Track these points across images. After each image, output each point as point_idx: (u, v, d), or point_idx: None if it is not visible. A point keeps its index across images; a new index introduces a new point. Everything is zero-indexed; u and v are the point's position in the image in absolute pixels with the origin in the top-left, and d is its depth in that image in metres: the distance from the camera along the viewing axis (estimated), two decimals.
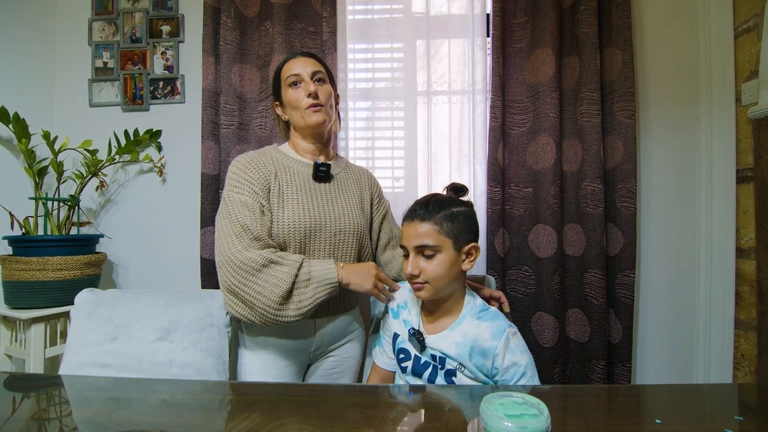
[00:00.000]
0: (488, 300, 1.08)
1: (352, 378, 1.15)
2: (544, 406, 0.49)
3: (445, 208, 0.87)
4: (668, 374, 1.63)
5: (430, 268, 0.86)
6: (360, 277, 0.99)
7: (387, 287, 1.05)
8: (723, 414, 0.71)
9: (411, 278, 0.88)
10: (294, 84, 1.07)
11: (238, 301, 0.92)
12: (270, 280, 0.90)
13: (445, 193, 0.95)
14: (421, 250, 0.86)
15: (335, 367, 1.11)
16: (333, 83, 1.14)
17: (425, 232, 0.86)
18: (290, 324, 0.93)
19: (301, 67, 1.07)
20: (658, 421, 0.63)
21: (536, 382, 0.82)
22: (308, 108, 1.05)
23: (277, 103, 1.14)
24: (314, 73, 1.07)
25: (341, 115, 1.64)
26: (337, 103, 1.17)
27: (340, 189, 1.12)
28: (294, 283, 0.91)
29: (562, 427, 0.61)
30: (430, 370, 0.89)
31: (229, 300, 0.93)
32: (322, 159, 1.13)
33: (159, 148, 1.78)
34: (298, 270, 0.92)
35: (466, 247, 0.88)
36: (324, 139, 1.13)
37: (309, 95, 1.05)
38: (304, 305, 0.92)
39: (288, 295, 0.91)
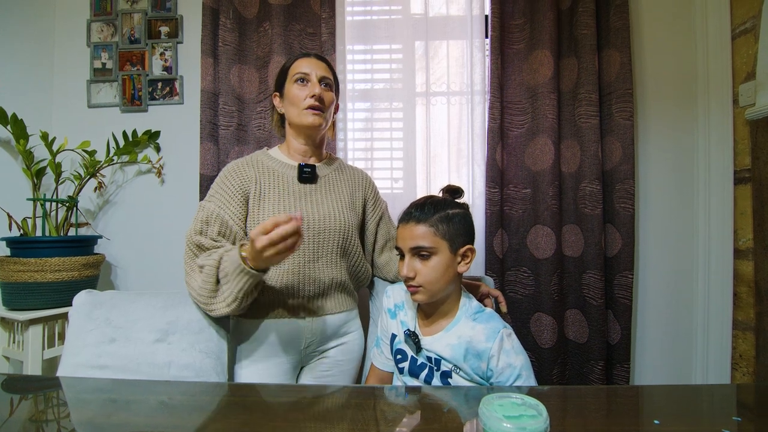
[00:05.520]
0: (485, 297, 1.08)
1: (348, 383, 1.13)
2: (543, 407, 0.49)
3: (440, 209, 0.87)
4: (666, 375, 1.63)
5: (425, 271, 0.85)
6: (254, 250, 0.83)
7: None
8: (721, 414, 0.71)
9: (406, 280, 0.88)
10: (300, 81, 1.07)
11: None
12: (198, 282, 0.96)
13: (440, 195, 0.95)
14: (416, 251, 0.86)
15: (329, 370, 1.10)
16: (337, 91, 1.16)
17: (421, 233, 0.86)
18: (230, 314, 0.96)
19: (312, 67, 1.08)
20: (656, 421, 0.63)
21: (532, 383, 0.82)
22: (308, 108, 1.06)
23: (277, 94, 1.15)
24: (323, 78, 1.09)
25: (340, 116, 1.65)
26: (335, 111, 1.18)
27: (328, 189, 1.12)
28: (218, 281, 0.94)
29: (560, 428, 0.61)
30: (426, 371, 0.89)
31: None
32: (312, 161, 1.14)
33: (157, 149, 1.78)
34: (217, 269, 0.94)
35: (462, 250, 0.88)
36: (316, 141, 1.14)
37: (313, 96, 1.05)
38: (230, 301, 0.92)
39: (214, 293, 0.94)
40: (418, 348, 0.90)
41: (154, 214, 1.77)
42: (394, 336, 0.98)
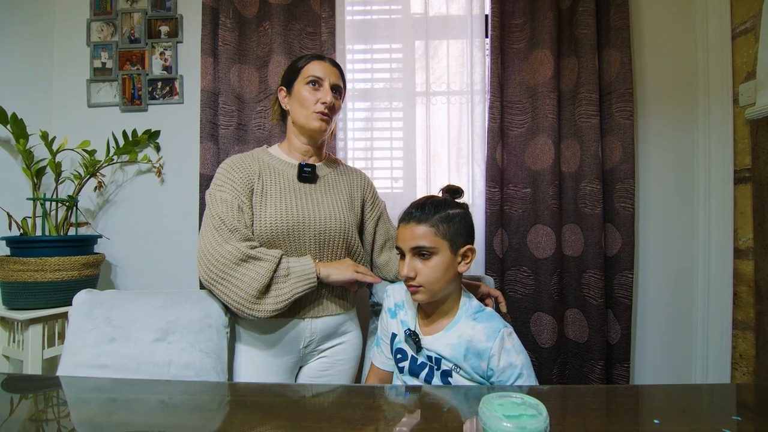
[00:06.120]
0: (485, 297, 1.08)
1: (346, 383, 1.14)
2: (543, 407, 0.49)
3: (441, 210, 0.87)
4: (666, 374, 1.63)
5: (426, 271, 0.86)
6: (338, 268, 1.04)
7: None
8: (721, 414, 0.71)
9: (407, 280, 0.88)
10: (313, 84, 1.08)
11: (216, 292, 0.97)
12: (248, 274, 0.93)
13: (440, 194, 0.95)
14: (417, 251, 0.86)
15: (327, 369, 1.11)
16: (343, 97, 1.17)
17: (421, 233, 0.86)
18: (266, 318, 0.95)
19: (326, 73, 1.09)
20: (656, 421, 0.63)
21: (533, 382, 0.82)
22: (317, 113, 1.07)
23: (284, 88, 1.14)
24: (335, 86, 1.10)
25: (340, 115, 1.65)
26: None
27: (327, 189, 1.12)
28: (272, 278, 0.95)
29: (560, 428, 0.61)
30: (426, 370, 0.89)
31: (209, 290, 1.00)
32: (312, 160, 1.15)
33: (157, 149, 1.78)
34: (277, 265, 0.95)
35: (462, 250, 0.88)
36: (317, 143, 1.15)
37: (324, 103, 1.06)
38: (281, 299, 0.95)
39: (265, 290, 0.94)
40: (418, 347, 0.90)
41: (154, 214, 1.77)
42: (394, 335, 0.98)
